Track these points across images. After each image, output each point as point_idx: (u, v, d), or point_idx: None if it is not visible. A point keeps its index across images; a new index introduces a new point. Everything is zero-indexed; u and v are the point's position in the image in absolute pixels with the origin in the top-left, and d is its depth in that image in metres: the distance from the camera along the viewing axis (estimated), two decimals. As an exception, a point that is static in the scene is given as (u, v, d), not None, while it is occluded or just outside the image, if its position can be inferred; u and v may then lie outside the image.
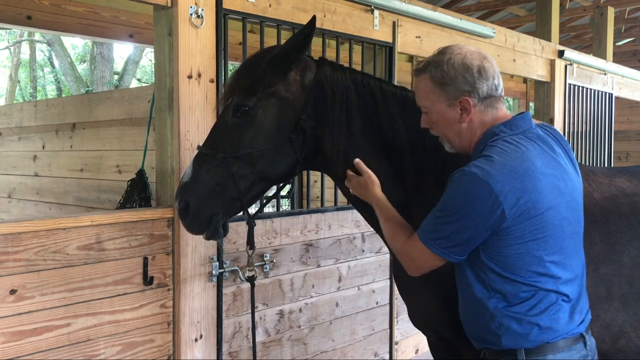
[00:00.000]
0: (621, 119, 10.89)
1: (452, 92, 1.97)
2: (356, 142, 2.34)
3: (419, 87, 2.06)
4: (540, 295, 1.89)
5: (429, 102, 2.04)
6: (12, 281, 2.52)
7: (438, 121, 2.05)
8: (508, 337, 1.91)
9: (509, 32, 5.49)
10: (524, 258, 1.86)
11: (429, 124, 2.10)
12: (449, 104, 1.99)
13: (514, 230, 1.83)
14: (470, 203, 1.82)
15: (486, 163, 1.83)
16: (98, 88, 14.97)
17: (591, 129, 6.71)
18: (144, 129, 3.95)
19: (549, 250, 1.88)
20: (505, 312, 1.90)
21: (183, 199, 2.27)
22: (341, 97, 2.31)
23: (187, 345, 3.10)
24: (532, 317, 1.89)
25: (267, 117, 2.28)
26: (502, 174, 1.80)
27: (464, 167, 1.88)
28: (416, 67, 2.08)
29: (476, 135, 2.01)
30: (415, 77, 2.09)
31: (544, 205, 1.84)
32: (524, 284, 1.88)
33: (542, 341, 1.89)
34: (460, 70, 1.95)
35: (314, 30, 2.28)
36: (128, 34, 5.01)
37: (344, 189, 2.47)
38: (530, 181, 1.82)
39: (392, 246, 2.14)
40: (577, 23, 11.46)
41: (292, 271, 3.66)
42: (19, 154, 5.62)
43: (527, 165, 1.84)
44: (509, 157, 1.85)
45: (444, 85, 1.97)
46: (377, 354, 4.31)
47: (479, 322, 1.98)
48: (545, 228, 1.86)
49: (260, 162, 2.28)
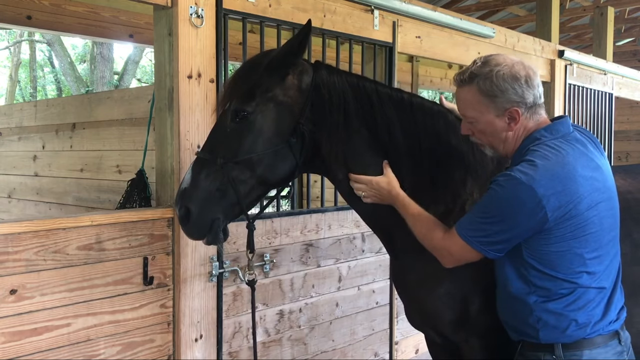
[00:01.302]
0: (621, 119, 10.88)
1: (502, 103, 2.01)
2: (354, 145, 2.35)
3: (465, 97, 2.08)
4: (579, 292, 1.95)
5: (476, 112, 2.07)
6: (12, 281, 2.52)
7: (485, 130, 2.09)
8: (546, 331, 1.98)
9: (509, 32, 5.49)
10: (565, 256, 1.94)
11: (472, 132, 2.15)
12: (498, 114, 2.04)
13: (555, 230, 1.90)
14: (514, 206, 1.89)
15: (530, 168, 1.90)
16: (98, 88, 14.98)
17: (591, 129, 6.70)
18: (144, 129, 3.95)
19: (589, 248, 1.95)
20: (545, 307, 1.97)
21: (183, 205, 2.26)
22: (338, 101, 2.31)
23: (187, 345, 3.10)
24: (571, 312, 1.95)
25: (266, 121, 2.28)
26: (545, 178, 1.87)
27: (507, 171, 1.94)
28: (459, 77, 2.09)
29: (519, 140, 2.07)
30: (459, 88, 2.10)
31: (584, 206, 1.91)
32: (565, 281, 1.95)
33: (579, 337, 1.96)
34: (509, 82, 1.99)
35: (310, 35, 2.28)
36: (128, 34, 5.01)
37: (343, 191, 2.48)
38: (572, 184, 1.90)
39: (428, 240, 2.17)
40: (577, 23, 11.47)
41: (292, 271, 3.66)
42: (19, 154, 5.63)
43: (568, 169, 1.91)
44: (551, 161, 1.92)
45: (494, 97, 2.01)
46: (377, 354, 4.31)
47: (517, 316, 2.05)
48: (585, 227, 1.93)
49: (260, 167, 2.28)
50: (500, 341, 2.27)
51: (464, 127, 2.17)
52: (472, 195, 2.35)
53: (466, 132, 2.17)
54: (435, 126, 2.36)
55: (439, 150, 2.35)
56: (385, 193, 2.30)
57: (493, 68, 2.00)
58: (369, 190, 2.33)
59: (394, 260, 2.57)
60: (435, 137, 2.36)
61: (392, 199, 2.29)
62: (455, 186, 2.35)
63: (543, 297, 1.97)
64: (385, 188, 2.29)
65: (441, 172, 2.35)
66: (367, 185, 2.33)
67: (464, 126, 2.17)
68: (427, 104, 2.42)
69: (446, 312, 2.33)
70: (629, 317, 2.09)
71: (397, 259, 2.52)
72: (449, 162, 2.35)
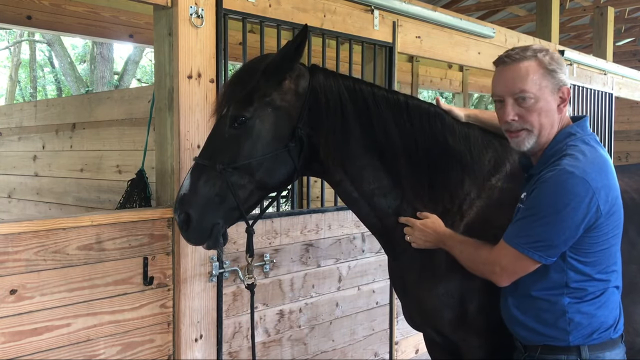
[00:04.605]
0: (621, 119, 10.88)
1: (558, 81, 2.01)
2: (351, 148, 2.36)
3: (524, 73, 1.99)
4: (609, 292, 1.97)
5: (536, 87, 1.98)
6: (12, 281, 2.52)
7: (542, 109, 2.00)
8: (577, 333, 1.95)
9: (509, 32, 5.49)
10: (605, 254, 1.94)
11: (519, 115, 2.01)
12: (553, 91, 2.01)
13: (603, 226, 1.90)
14: (569, 200, 1.85)
15: (577, 161, 1.89)
16: (98, 88, 14.98)
17: (591, 129, 6.69)
18: (144, 129, 3.95)
19: (618, 246, 1.98)
20: (578, 308, 1.95)
21: (183, 211, 2.26)
22: (335, 104, 2.32)
23: (187, 345, 3.10)
24: (602, 313, 1.96)
25: (265, 126, 2.29)
26: (594, 171, 1.88)
27: (554, 166, 1.90)
28: (512, 53, 2.02)
29: (556, 131, 2.04)
30: (513, 64, 2.01)
31: (620, 201, 1.95)
32: (600, 281, 1.95)
33: (606, 338, 1.96)
34: (561, 63, 2.02)
35: (306, 40, 2.29)
36: (128, 34, 5.02)
37: (341, 193, 2.48)
38: (612, 179, 1.93)
39: (474, 263, 2.12)
40: (577, 23, 11.47)
41: (292, 271, 3.66)
42: (19, 154, 5.62)
43: (608, 165, 1.94)
44: (592, 155, 1.93)
45: (554, 72, 2.00)
46: (377, 354, 4.31)
47: (543, 318, 1.99)
48: (619, 224, 1.96)
49: (259, 172, 2.29)
50: (499, 341, 2.27)
51: (510, 111, 2.01)
52: (470, 194, 2.35)
53: (512, 117, 2.02)
54: (432, 127, 2.37)
55: (436, 151, 2.36)
56: (434, 235, 2.26)
57: (542, 49, 2.02)
58: (414, 235, 2.31)
59: (392, 261, 2.58)
60: (432, 138, 2.36)
61: (441, 240, 2.24)
62: (452, 186, 2.36)
63: (577, 299, 1.94)
64: (431, 227, 2.27)
65: (438, 172, 2.36)
66: (409, 229, 2.33)
67: (508, 110, 2.02)
68: (424, 106, 2.43)
69: (445, 311, 2.34)
70: (625, 315, 2.11)
71: (396, 260, 2.52)
72: (446, 162, 2.36)
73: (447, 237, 2.22)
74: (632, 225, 2.41)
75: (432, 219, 2.30)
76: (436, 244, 2.26)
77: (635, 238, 2.42)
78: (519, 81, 1.99)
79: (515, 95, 2.00)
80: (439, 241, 2.24)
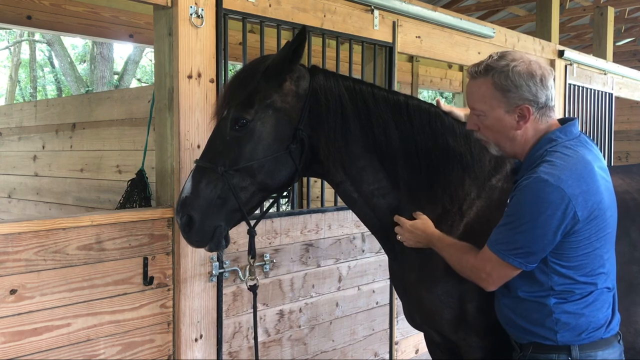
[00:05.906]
0: (621, 119, 10.89)
1: (514, 99, 1.99)
2: (351, 148, 2.36)
3: (477, 90, 2.05)
4: (596, 293, 1.96)
5: (486, 106, 2.03)
6: (12, 281, 2.52)
7: (493, 126, 2.05)
8: (565, 333, 1.96)
9: (509, 32, 5.49)
10: (589, 257, 1.93)
11: (478, 127, 2.10)
12: (508, 110, 2.01)
13: (584, 231, 1.89)
14: (544, 209, 1.85)
15: (554, 168, 1.88)
16: (98, 88, 14.98)
17: (591, 129, 6.70)
18: (144, 129, 3.95)
19: (605, 249, 1.96)
20: (564, 308, 1.96)
21: (185, 214, 2.27)
22: (335, 105, 2.33)
23: (187, 345, 3.10)
24: (589, 313, 1.96)
25: (266, 128, 2.29)
26: (571, 178, 1.86)
27: (529, 174, 1.91)
28: (473, 69, 2.06)
29: (529, 142, 2.04)
30: (472, 80, 2.07)
31: (604, 205, 1.92)
32: (586, 283, 1.95)
33: (597, 337, 1.97)
34: (525, 79, 1.97)
35: (305, 42, 2.29)
36: (128, 34, 5.02)
37: (341, 193, 2.48)
38: (594, 184, 1.89)
39: (462, 267, 2.13)
40: (577, 23, 11.46)
41: (292, 271, 3.66)
42: (19, 154, 5.62)
43: (589, 169, 1.91)
44: (572, 161, 1.91)
45: (507, 91, 1.98)
46: (377, 354, 4.31)
47: (531, 318, 2.01)
48: (605, 227, 1.94)
49: (261, 174, 2.29)
50: (499, 341, 2.27)
51: (471, 122, 2.13)
52: (470, 195, 2.35)
53: (472, 127, 2.13)
54: (432, 128, 2.37)
55: (436, 151, 2.36)
56: (423, 235, 2.29)
57: (510, 63, 1.98)
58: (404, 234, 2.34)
59: (392, 261, 2.58)
60: (432, 139, 2.37)
61: (430, 240, 2.27)
62: (452, 186, 2.36)
63: (563, 299, 1.95)
64: (420, 228, 2.29)
65: (439, 173, 2.36)
66: (400, 229, 2.36)
67: (470, 120, 2.13)
68: (424, 106, 2.43)
69: (445, 310, 2.34)
70: (626, 316, 2.11)
71: (396, 260, 2.52)
72: (446, 162, 2.36)
73: (436, 239, 2.24)
74: (634, 226, 2.41)
75: (422, 220, 2.31)
76: (427, 244, 2.29)
77: (637, 239, 2.41)
78: (471, 98, 2.08)
79: (472, 109, 2.10)
80: (429, 242, 2.27)
